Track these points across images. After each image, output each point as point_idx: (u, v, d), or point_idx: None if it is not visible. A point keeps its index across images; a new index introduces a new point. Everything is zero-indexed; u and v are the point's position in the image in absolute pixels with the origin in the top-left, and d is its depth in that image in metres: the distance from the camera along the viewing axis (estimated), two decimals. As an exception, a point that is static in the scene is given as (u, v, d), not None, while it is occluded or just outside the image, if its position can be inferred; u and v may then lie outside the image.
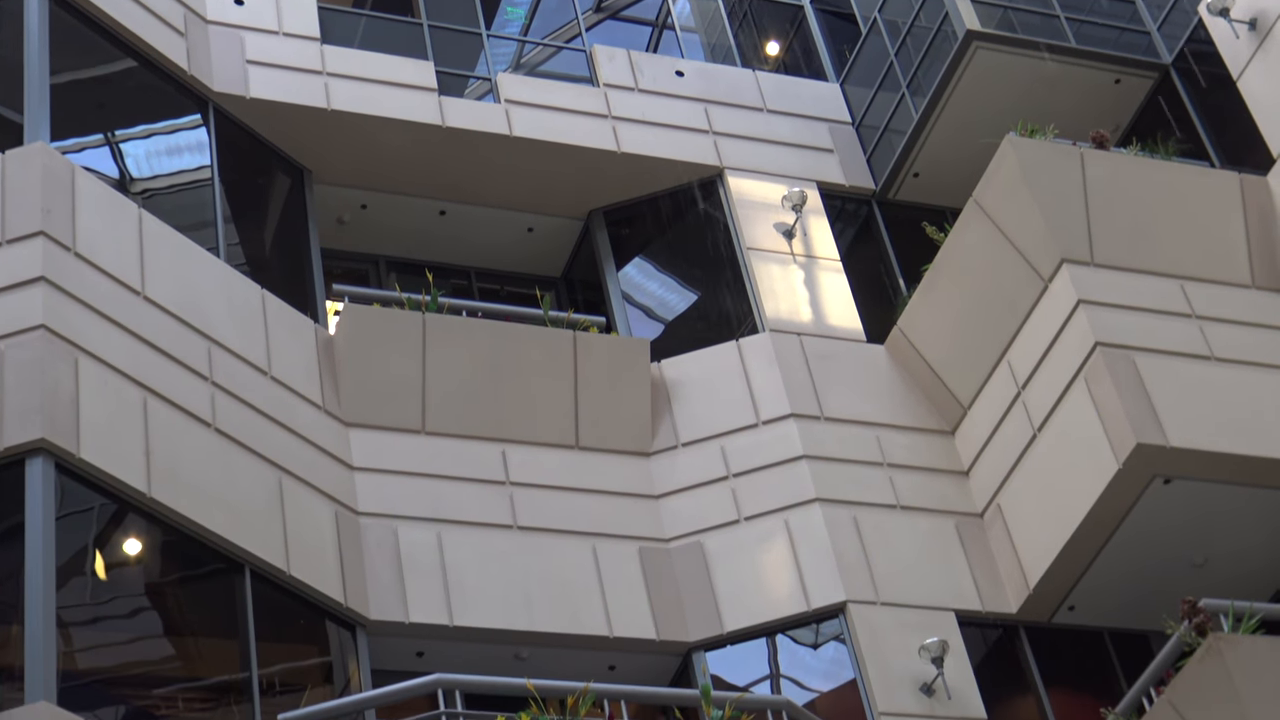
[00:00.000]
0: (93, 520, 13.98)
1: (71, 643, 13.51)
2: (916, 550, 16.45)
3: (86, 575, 13.93)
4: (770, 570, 16.16)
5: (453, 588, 15.36)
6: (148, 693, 14.19)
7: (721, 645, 15.96)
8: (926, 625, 15.84)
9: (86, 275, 14.56)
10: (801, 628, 16.06)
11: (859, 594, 15.90)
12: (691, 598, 16.04)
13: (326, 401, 16.00)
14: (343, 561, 15.01)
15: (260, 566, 14.36)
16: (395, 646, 15.15)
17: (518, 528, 15.97)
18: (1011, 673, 16.46)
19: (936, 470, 17.16)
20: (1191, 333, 16.42)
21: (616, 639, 15.63)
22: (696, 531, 16.44)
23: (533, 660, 15.46)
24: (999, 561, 16.57)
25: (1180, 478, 15.65)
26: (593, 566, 15.95)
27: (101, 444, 13.66)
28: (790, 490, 16.54)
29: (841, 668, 15.84)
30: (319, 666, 15.25)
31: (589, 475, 16.57)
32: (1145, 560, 16.21)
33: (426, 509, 15.79)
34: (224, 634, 14.50)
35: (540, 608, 15.52)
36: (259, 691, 13.84)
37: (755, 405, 17.16)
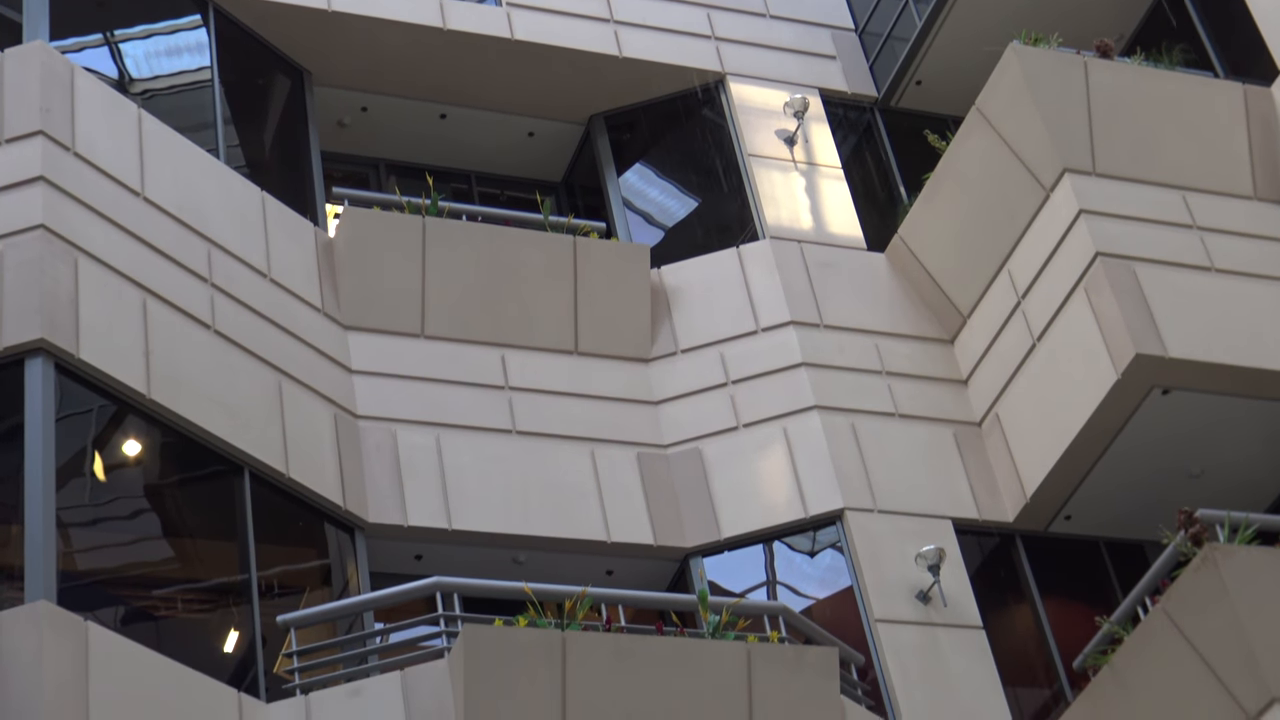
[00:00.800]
0: (92, 422, 13.99)
1: (71, 543, 13.55)
2: (914, 458, 16.48)
3: (86, 477, 13.96)
4: (768, 477, 16.19)
5: (451, 491, 15.40)
6: (147, 593, 14.25)
7: (719, 551, 16.01)
8: (923, 533, 15.90)
9: (86, 175, 14.51)
10: (799, 535, 16.10)
11: (856, 501, 15.95)
12: (689, 504, 16.08)
13: (326, 304, 15.99)
14: (341, 464, 15.04)
15: (259, 469, 14.39)
16: (394, 549, 15.20)
17: (516, 432, 15.99)
18: (1007, 581, 16.52)
19: (935, 379, 17.17)
20: (1192, 243, 16.40)
21: (614, 544, 15.68)
22: (695, 438, 16.47)
23: (530, 564, 15.51)
24: (996, 470, 16.61)
25: (1178, 388, 15.66)
26: (591, 472, 15.98)
27: (101, 345, 13.66)
28: (789, 397, 16.55)
29: (838, 575, 15.90)
30: (318, 569, 15.31)
31: (588, 380, 16.58)
32: (1142, 470, 16.24)
33: (425, 413, 15.80)
34: (223, 536, 14.54)
35: (538, 512, 15.57)
36: (258, 593, 13.90)
37: (755, 312, 17.15)
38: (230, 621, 14.22)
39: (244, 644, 13.84)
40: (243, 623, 13.93)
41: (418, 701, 12.96)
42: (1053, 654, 16.07)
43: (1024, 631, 16.28)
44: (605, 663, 13.10)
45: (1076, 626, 15.94)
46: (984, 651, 15.49)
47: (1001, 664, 15.52)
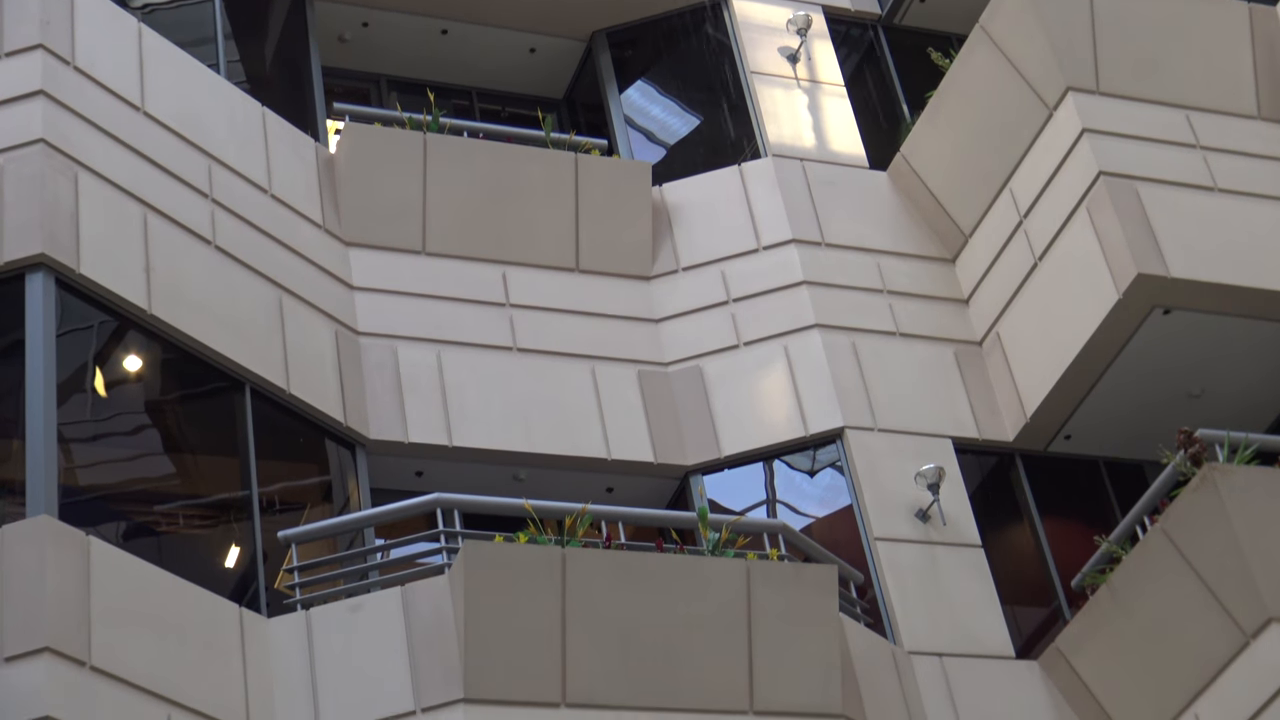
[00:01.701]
0: (92, 337, 13.99)
1: (72, 459, 13.58)
2: (915, 377, 16.49)
3: (87, 392, 13.97)
4: (768, 395, 16.20)
5: (452, 408, 15.41)
6: (148, 509, 14.29)
7: (719, 469, 16.04)
8: (923, 452, 15.92)
9: (86, 90, 14.46)
10: (799, 453, 16.13)
11: (857, 420, 15.97)
12: (690, 421, 16.10)
13: (327, 220, 15.96)
14: (342, 381, 15.05)
15: (260, 385, 14.40)
16: (394, 466, 15.23)
17: (517, 349, 15.99)
18: (1007, 500, 16.56)
19: (936, 298, 17.16)
20: (1195, 163, 16.35)
21: (614, 461, 15.70)
22: (696, 356, 16.47)
23: (531, 481, 15.54)
24: (997, 390, 16.62)
25: (1180, 308, 15.65)
26: (591, 389, 15.99)
27: (101, 260, 13.65)
28: (790, 316, 16.54)
29: (837, 494, 15.94)
30: (318, 485, 15.35)
31: (589, 298, 16.57)
32: (1142, 390, 16.25)
33: (426, 330, 15.80)
34: (224, 452, 14.57)
35: (539, 429, 15.59)
36: (259, 509, 13.94)
37: (756, 230, 17.12)
38: (231, 537, 14.27)
39: (245, 560, 13.89)
40: (244, 538, 13.98)
41: (418, 617, 13.02)
42: (1051, 573, 16.12)
43: (1023, 550, 16.33)
44: (605, 580, 13.15)
45: (1075, 546, 15.99)
46: (983, 570, 15.54)
47: (1000, 583, 15.57)
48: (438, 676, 12.78)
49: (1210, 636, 14.02)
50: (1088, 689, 14.82)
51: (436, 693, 12.74)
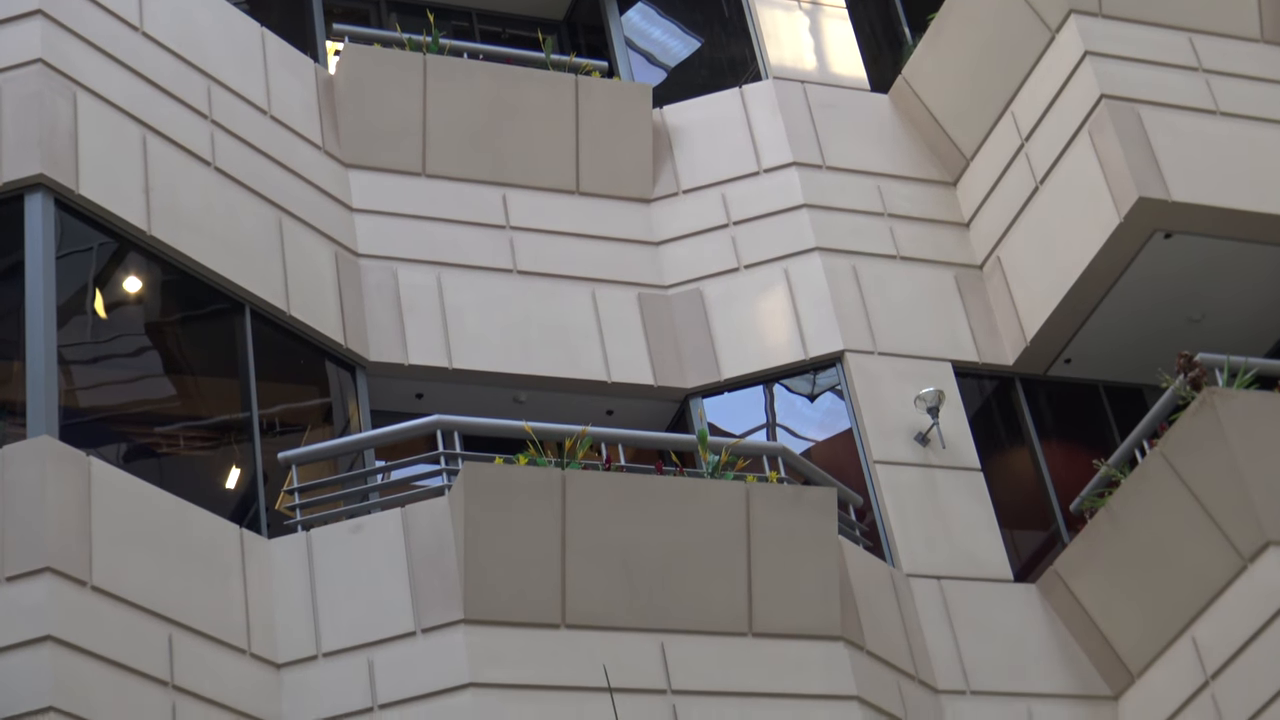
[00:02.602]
0: (92, 259, 13.98)
1: (73, 381, 13.59)
2: (915, 301, 16.47)
3: (87, 314, 13.97)
4: (769, 318, 16.20)
5: (452, 330, 15.41)
6: (149, 430, 14.32)
7: (719, 392, 16.05)
8: (923, 375, 15.92)
9: (84, 9, 14.38)
10: (798, 377, 16.14)
11: (856, 343, 15.96)
12: (690, 344, 16.10)
13: (326, 142, 15.91)
14: (342, 302, 15.04)
15: (260, 306, 14.39)
16: (394, 388, 15.24)
17: (517, 272, 15.97)
18: (1006, 424, 16.58)
19: (937, 221, 17.13)
20: (1198, 86, 16.28)
21: (614, 384, 15.72)
22: (696, 279, 16.45)
23: (531, 403, 15.56)
24: (997, 313, 16.61)
25: (1181, 232, 15.63)
26: (592, 312, 15.98)
27: (101, 180, 13.62)
28: (790, 239, 16.52)
29: (837, 418, 15.95)
30: (319, 407, 15.36)
31: (589, 220, 16.54)
32: (1143, 314, 16.24)
33: (426, 252, 15.77)
34: (224, 373, 14.58)
35: (539, 352, 15.59)
36: (259, 430, 13.95)
37: (757, 153, 17.07)
38: (232, 459, 14.29)
39: (245, 481, 13.92)
40: (244, 460, 14.00)
41: (418, 538, 13.06)
42: (1050, 496, 16.16)
43: (1022, 474, 16.36)
44: (604, 501, 13.18)
45: (1074, 469, 16.02)
46: (982, 493, 15.57)
47: (999, 506, 15.61)
48: (438, 597, 12.83)
49: (1208, 560, 14.07)
50: (1085, 612, 14.87)
51: (436, 613, 12.79)
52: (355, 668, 12.66)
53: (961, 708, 14.38)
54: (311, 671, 12.69)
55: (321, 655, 12.75)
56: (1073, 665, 14.87)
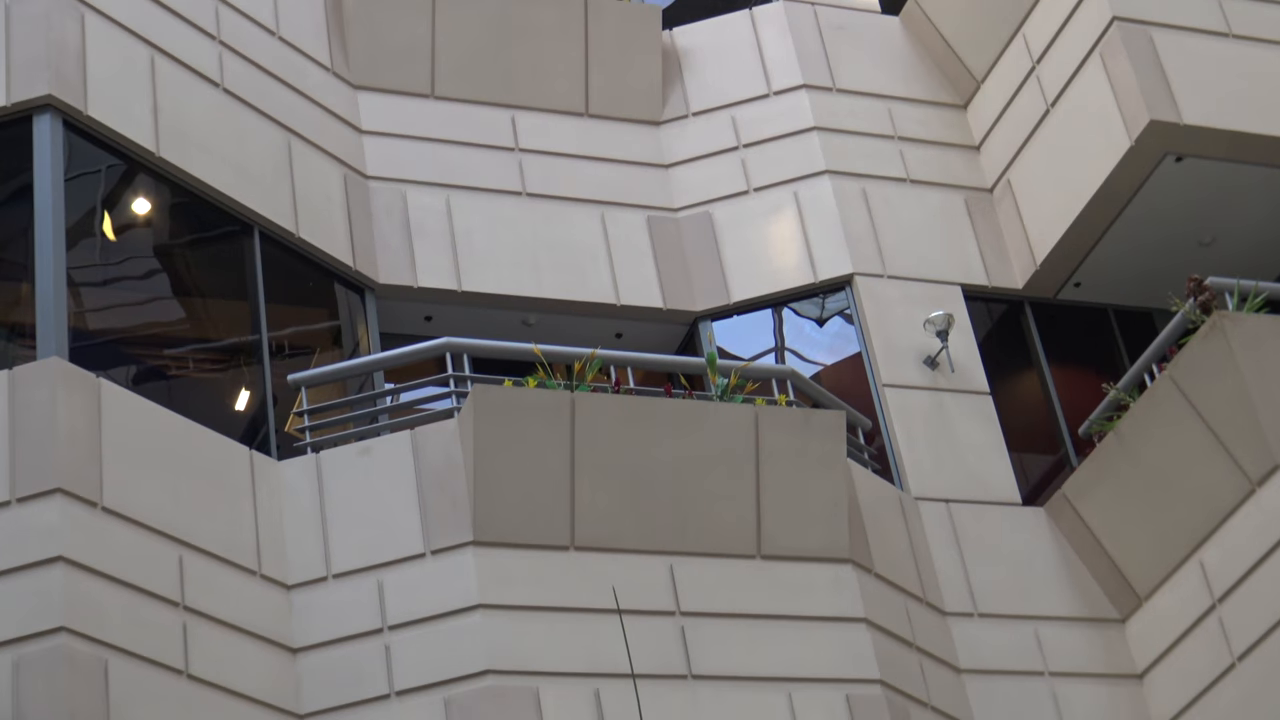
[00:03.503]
0: (101, 181, 13.96)
1: (82, 303, 13.60)
2: (925, 224, 16.44)
3: (96, 236, 13.97)
4: (778, 242, 16.17)
5: (461, 253, 15.40)
6: (158, 353, 14.33)
7: (728, 315, 16.05)
8: (932, 299, 15.92)
9: (90, -70, 14.32)
10: (808, 301, 16.13)
11: (866, 267, 15.94)
12: (699, 267, 16.09)
13: (335, 63, 15.85)
14: (351, 225, 15.02)
15: (269, 228, 14.38)
16: (404, 310, 15.24)
17: (527, 194, 15.95)
18: (1015, 348, 16.57)
19: (947, 144, 17.07)
20: (1210, 8, 16.19)
21: (623, 307, 15.71)
22: (705, 201, 16.42)
23: (540, 326, 15.56)
24: (1007, 237, 16.58)
25: (1192, 155, 15.57)
26: (601, 234, 15.96)
27: (109, 101, 13.58)
28: (800, 162, 16.47)
29: (846, 342, 15.95)
30: (328, 330, 15.37)
31: (598, 143, 16.49)
32: (1153, 238, 16.21)
33: (435, 174, 15.74)
34: (234, 296, 14.57)
35: (548, 274, 15.58)
36: (268, 353, 13.97)
37: (767, 75, 17.00)
38: (241, 381, 14.32)
39: (255, 403, 13.94)
40: (254, 382, 14.02)
41: (427, 460, 13.08)
42: (1059, 420, 16.17)
43: (1031, 397, 16.37)
44: (614, 424, 13.20)
45: (1083, 393, 16.03)
46: (990, 417, 15.58)
47: (1008, 429, 15.63)
48: (447, 519, 12.86)
49: (1216, 483, 14.09)
50: (1094, 535, 14.91)
51: (446, 535, 12.83)
52: (365, 589, 12.71)
53: (969, 630, 14.43)
54: (321, 593, 12.74)
55: (331, 577, 12.79)
56: (1080, 588, 14.91)
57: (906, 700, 13.38)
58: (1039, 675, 14.41)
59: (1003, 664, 14.36)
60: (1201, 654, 14.08)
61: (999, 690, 14.23)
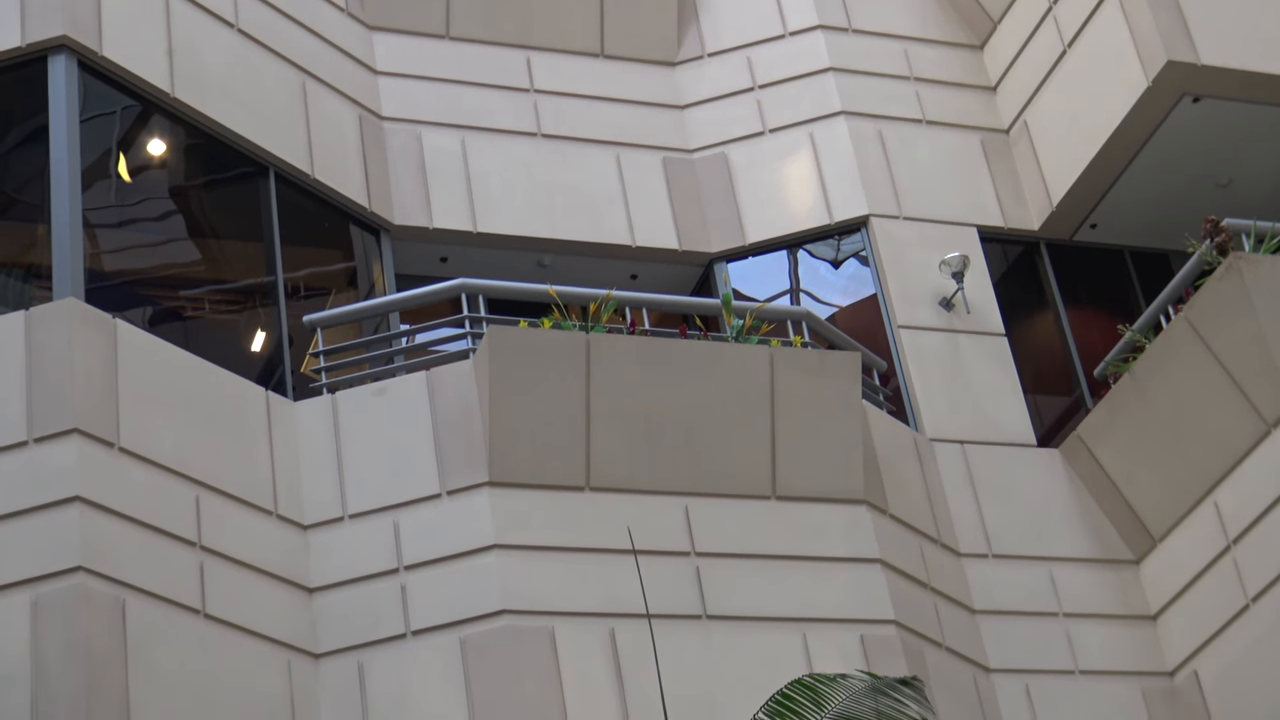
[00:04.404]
0: (116, 122, 13.95)
1: (98, 245, 13.61)
2: (941, 165, 16.40)
3: (111, 178, 13.97)
4: (794, 183, 16.15)
5: (476, 194, 15.39)
6: (174, 294, 14.35)
7: (743, 256, 16.03)
8: (948, 240, 15.89)
9: None
10: (823, 242, 16.11)
11: (882, 208, 15.92)
12: (714, 209, 16.07)
13: (350, 4, 15.81)
14: (366, 166, 15.01)
15: (284, 169, 14.37)
16: (419, 251, 15.24)
17: (542, 135, 15.92)
18: (1031, 289, 16.56)
19: (964, 85, 17.01)
20: (1229, -52, 16.13)
21: (639, 248, 15.70)
22: (721, 143, 16.38)
23: (555, 268, 15.56)
24: (1023, 178, 16.54)
25: (1209, 96, 15.51)
26: (616, 176, 15.94)
27: (124, 42, 13.55)
28: (816, 102, 16.42)
29: (861, 284, 15.94)
30: (344, 271, 15.38)
31: (614, 84, 16.45)
32: (1169, 179, 16.16)
33: (451, 115, 15.71)
34: (249, 237, 14.58)
35: (563, 216, 15.57)
36: (284, 294, 13.97)
37: (783, 16, 16.93)
38: (257, 322, 14.34)
39: (271, 344, 13.97)
40: (269, 323, 14.04)
41: (442, 401, 13.10)
42: (1074, 361, 16.16)
43: (1046, 339, 16.36)
44: (629, 365, 13.20)
45: (1098, 335, 16.02)
46: (1005, 358, 15.58)
47: (1022, 371, 15.63)
48: (462, 460, 12.89)
49: (1231, 425, 14.09)
50: (1108, 477, 14.92)
51: (461, 476, 12.85)
52: (381, 529, 12.76)
53: (983, 571, 14.46)
54: (337, 533, 12.79)
55: (347, 517, 12.84)
56: (1094, 529, 14.93)
57: (921, 641, 13.42)
58: (1053, 616, 14.45)
59: (1017, 605, 14.39)
60: (1215, 595, 14.11)
61: (1013, 631, 14.27)
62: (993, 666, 14.06)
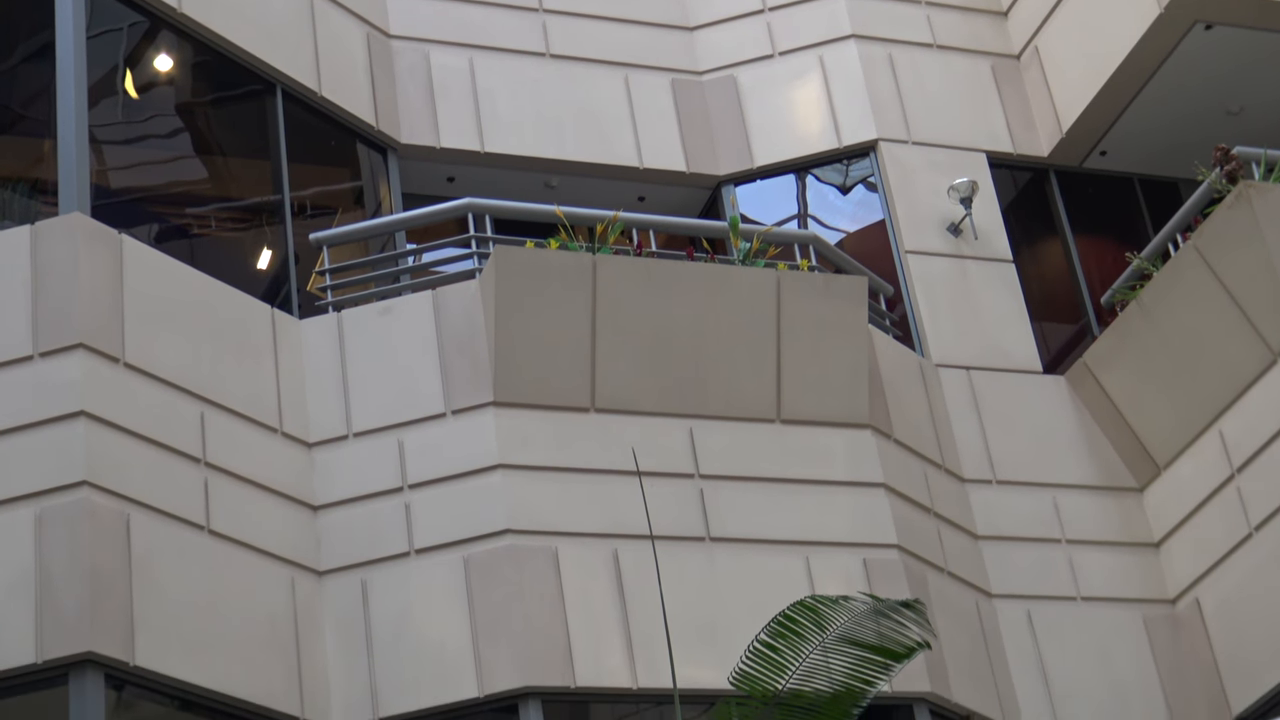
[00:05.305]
0: (123, 38, 13.89)
1: (104, 161, 13.58)
2: (951, 90, 16.34)
3: (118, 95, 13.92)
4: (803, 106, 16.09)
5: (484, 113, 15.34)
6: (181, 211, 14.34)
7: (751, 180, 16.00)
8: (957, 165, 15.84)
9: None
10: (831, 167, 16.06)
11: (891, 132, 15.86)
12: (723, 131, 16.02)
13: (358, -79, 15.74)
14: (374, 84, 14.95)
15: (291, 87, 14.32)
16: (426, 171, 15.21)
17: (550, 56, 15.86)
18: (1039, 216, 16.52)
19: (974, 9, 16.92)
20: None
21: (646, 170, 15.67)
22: (730, 65, 16.31)
23: (562, 188, 15.53)
24: (1033, 104, 16.48)
25: (1221, 23, 15.42)
26: (624, 97, 15.89)
27: (131, -43, 13.52)
28: (826, 26, 16.34)
29: (870, 210, 15.91)
30: (350, 190, 15.36)
31: (623, 4, 16.36)
32: (1180, 107, 16.09)
33: (459, 34, 15.64)
34: (256, 155, 14.55)
35: (571, 136, 15.53)
36: (291, 212, 13.95)
37: (794, -63, 16.86)
38: (263, 240, 14.32)
39: (277, 262, 13.95)
40: (276, 241, 14.02)
41: (448, 321, 13.09)
42: (1081, 289, 16.14)
43: (1054, 266, 16.33)
44: (635, 286, 13.19)
45: (1106, 263, 15.99)
46: (1013, 285, 15.56)
47: (1030, 298, 15.61)
48: (467, 380, 12.89)
49: (1238, 353, 14.07)
50: (1113, 404, 14.91)
51: (466, 396, 12.86)
52: (385, 448, 12.77)
53: (987, 497, 14.49)
54: (342, 451, 12.81)
55: (352, 435, 12.85)
56: (1099, 457, 14.94)
57: (923, 565, 13.46)
58: (1056, 543, 14.48)
59: (1020, 531, 14.42)
60: (1218, 523, 14.13)
61: (1016, 557, 14.31)
62: (995, 592, 14.10)
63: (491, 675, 11.92)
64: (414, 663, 12.06)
